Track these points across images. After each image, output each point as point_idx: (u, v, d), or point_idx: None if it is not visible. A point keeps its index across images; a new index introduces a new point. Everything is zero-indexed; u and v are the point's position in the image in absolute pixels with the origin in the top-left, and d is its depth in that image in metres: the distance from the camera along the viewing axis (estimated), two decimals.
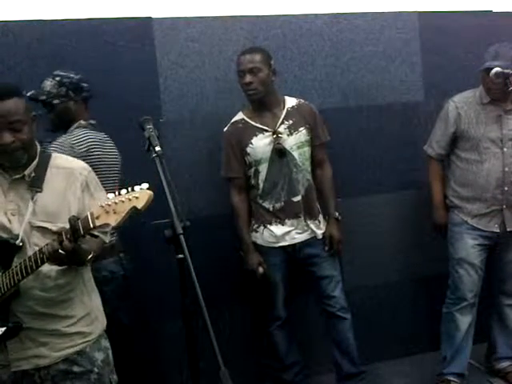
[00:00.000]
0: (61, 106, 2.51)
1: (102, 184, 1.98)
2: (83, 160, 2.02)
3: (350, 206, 3.20)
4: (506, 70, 2.64)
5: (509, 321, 3.05)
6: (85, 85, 2.56)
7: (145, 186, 1.56)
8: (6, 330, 1.72)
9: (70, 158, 1.97)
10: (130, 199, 1.53)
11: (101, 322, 1.94)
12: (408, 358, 3.38)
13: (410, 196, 3.35)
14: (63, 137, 2.44)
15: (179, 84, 2.97)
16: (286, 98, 2.83)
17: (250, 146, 2.73)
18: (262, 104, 2.75)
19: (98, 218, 1.55)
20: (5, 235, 1.73)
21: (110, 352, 1.94)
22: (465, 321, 2.93)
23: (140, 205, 1.53)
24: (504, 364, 3.12)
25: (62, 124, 2.55)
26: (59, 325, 1.80)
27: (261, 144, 2.72)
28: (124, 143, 2.83)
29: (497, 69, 2.66)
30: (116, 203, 1.54)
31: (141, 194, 1.54)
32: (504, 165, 2.81)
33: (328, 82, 3.20)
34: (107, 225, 1.57)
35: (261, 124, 2.74)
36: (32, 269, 1.66)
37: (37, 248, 1.68)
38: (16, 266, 1.68)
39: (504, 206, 2.85)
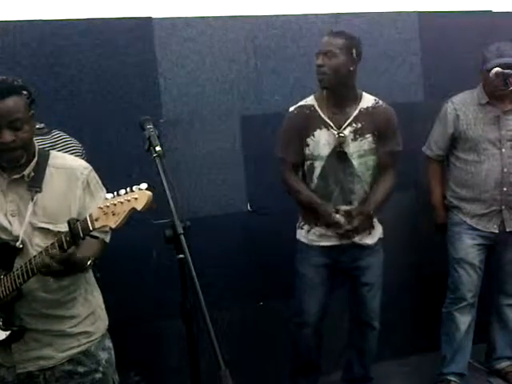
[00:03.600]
0: None
1: None
2: None
3: None
4: (506, 71, 2.65)
5: (508, 321, 3.05)
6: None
7: (143, 186, 1.52)
8: (10, 334, 1.71)
9: (70, 157, 1.95)
10: (129, 200, 1.50)
11: (104, 321, 1.93)
12: (408, 358, 3.38)
13: (410, 196, 3.35)
14: None
15: (179, 84, 2.96)
16: (364, 95, 2.61)
17: (312, 137, 2.55)
18: (334, 96, 2.52)
19: (97, 219, 1.53)
20: (5, 237, 1.71)
21: (113, 352, 1.94)
22: (464, 321, 2.94)
23: (139, 206, 1.49)
24: (504, 364, 3.13)
25: None
26: (64, 325, 1.79)
27: (322, 139, 2.54)
28: (124, 143, 2.84)
29: (497, 69, 2.67)
30: (115, 204, 1.51)
31: (140, 194, 1.50)
32: (503, 165, 2.81)
33: None
34: (107, 226, 1.54)
35: (328, 118, 2.54)
36: (33, 272, 1.64)
37: (39, 249, 1.67)
38: (17, 270, 1.66)
39: (503, 207, 2.85)
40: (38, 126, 2.39)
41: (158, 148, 1.89)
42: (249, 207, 2.92)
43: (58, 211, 1.75)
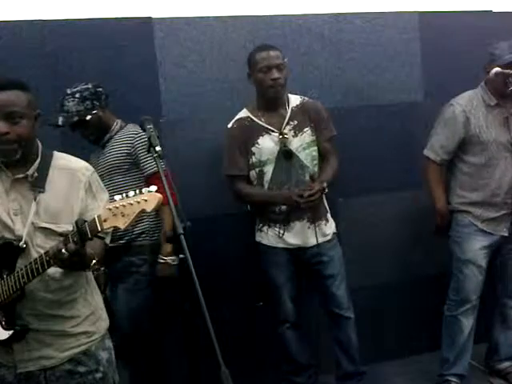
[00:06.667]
0: (94, 119, 2.59)
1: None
2: None
3: (350, 206, 3.20)
4: (506, 71, 2.64)
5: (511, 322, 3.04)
6: (101, 89, 2.63)
7: (153, 188, 1.52)
8: (13, 333, 1.71)
9: (73, 158, 1.93)
10: (138, 202, 1.50)
11: (104, 321, 1.93)
12: (408, 358, 3.38)
13: (410, 196, 3.35)
14: (126, 135, 2.61)
15: (179, 84, 2.97)
16: (290, 96, 2.78)
17: (257, 145, 2.70)
18: (274, 103, 2.71)
19: (105, 220, 1.52)
20: (8, 235, 1.71)
21: (113, 352, 1.94)
22: (468, 324, 2.91)
23: (149, 208, 1.49)
24: (505, 364, 3.11)
25: (100, 133, 2.64)
26: (65, 325, 1.79)
27: (267, 145, 2.69)
28: None
29: (497, 69, 2.66)
30: (124, 206, 1.50)
31: (150, 196, 1.50)
32: None
33: (328, 81, 3.19)
34: (116, 228, 1.54)
35: (267, 124, 2.70)
36: (38, 271, 1.64)
37: (40, 249, 1.67)
38: (21, 269, 1.66)
39: None
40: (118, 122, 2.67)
41: (158, 148, 1.89)
42: (249, 207, 2.92)
43: (60, 212, 1.75)
